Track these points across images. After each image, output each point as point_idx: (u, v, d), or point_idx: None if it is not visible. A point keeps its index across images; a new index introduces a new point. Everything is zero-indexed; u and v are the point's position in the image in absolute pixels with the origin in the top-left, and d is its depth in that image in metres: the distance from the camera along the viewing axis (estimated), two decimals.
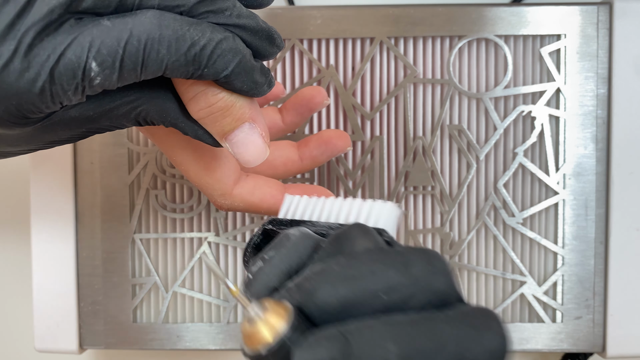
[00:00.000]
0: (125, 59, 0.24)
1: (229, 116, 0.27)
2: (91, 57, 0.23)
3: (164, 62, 0.24)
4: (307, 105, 0.37)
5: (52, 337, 0.45)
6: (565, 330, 0.44)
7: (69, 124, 0.27)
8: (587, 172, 0.43)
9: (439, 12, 0.43)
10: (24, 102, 0.23)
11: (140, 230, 0.45)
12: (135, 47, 0.24)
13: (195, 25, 0.25)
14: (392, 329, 0.20)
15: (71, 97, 0.24)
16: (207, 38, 0.25)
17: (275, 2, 0.49)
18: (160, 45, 0.24)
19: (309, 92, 0.37)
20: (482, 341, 0.21)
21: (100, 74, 0.24)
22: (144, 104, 0.28)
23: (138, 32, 0.23)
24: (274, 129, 0.38)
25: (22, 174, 0.52)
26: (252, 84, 0.27)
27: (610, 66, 0.43)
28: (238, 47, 0.26)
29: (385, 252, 0.23)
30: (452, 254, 0.44)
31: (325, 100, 0.38)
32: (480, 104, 0.43)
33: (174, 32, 0.24)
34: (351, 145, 0.38)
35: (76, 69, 0.23)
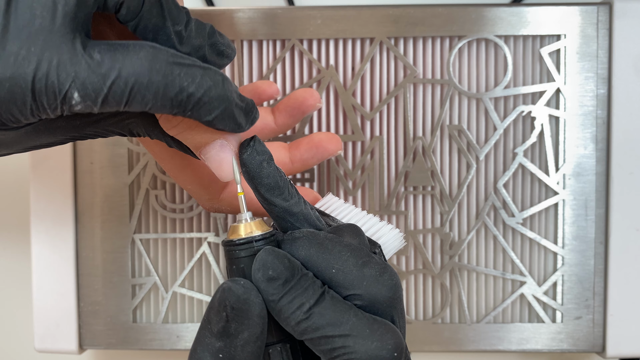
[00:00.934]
0: (109, 97, 0.23)
1: (198, 134, 0.27)
2: (74, 88, 0.23)
3: (148, 105, 0.24)
4: (299, 107, 0.37)
5: (52, 337, 0.45)
6: (565, 330, 0.44)
7: (54, 132, 0.27)
8: (587, 172, 0.43)
9: (439, 12, 0.43)
10: (3, 111, 0.23)
11: (140, 230, 0.45)
12: (121, 88, 0.23)
13: (186, 69, 0.24)
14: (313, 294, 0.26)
15: (50, 114, 0.24)
16: (196, 85, 0.25)
17: (275, 2, 0.49)
18: (147, 91, 0.24)
19: (301, 94, 0.37)
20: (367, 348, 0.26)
21: (81, 104, 0.23)
22: (132, 116, 0.28)
23: (126, 74, 0.23)
24: (266, 130, 0.38)
25: (22, 174, 0.52)
26: (234, 126, 0.27)
27: (610, 66, 0.43)
28: (225, 94, 0.26)
29: (359, 249, 0.27)
30: (452, 254, 0.44)
31: (318, 103, 0.38)
32: (480, 104, 0.43)
33: (163, 78, 0.24)
34: (342, 149, 0.38)
35: (57, 94, 0.23)
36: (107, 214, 0.44)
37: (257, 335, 0.26)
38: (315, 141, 0.37)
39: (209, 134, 0.27)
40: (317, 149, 0.37)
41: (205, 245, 0.45)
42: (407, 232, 0.44)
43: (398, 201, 0.44)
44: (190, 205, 0.44)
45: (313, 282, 0.26)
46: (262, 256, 0.26)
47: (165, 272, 0.45)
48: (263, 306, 0.26)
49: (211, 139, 0.28)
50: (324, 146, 0.37)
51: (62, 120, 0.27)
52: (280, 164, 0.38)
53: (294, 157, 0.37)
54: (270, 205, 0.28)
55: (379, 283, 0.26)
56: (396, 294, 0.27)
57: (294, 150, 0.38)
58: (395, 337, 0.26)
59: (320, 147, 0.37)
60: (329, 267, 0.27)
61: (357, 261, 0.27)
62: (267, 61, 0.44)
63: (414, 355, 0.50)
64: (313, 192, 0.38)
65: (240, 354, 0.26)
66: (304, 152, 0.37)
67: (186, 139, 0.28)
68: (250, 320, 0.26)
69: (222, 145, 0.28)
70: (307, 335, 0.26)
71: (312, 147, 0.37)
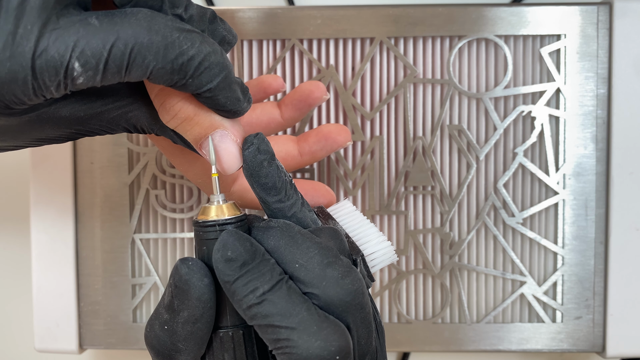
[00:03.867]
0: (110, 62, 0.23)
1: (197, 124, 0.27)
2: (74, 58, 0.23)
3: (149, 68, 0.24)
4: (305, 100, 0.37)
5: (52, 337, 0.45)
6: (565, 330, 0.44)
7: (58, 123, 0.27)
8: (587, 172, 0.43)
9: (439, 12, 0.43)
10: (5, 92, 0.23)
11: (140, 230, 0.45)
12: (121, 51, 0.23)
13: (185, 33, 0.24)
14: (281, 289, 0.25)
15: (53, 92, 0.24)
16: (196, 48, 0.24)
17: (275, 2, 0.49)
18: (147, 51, 0.23)
19: (307, 87, 0.37)
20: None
21: (83, 75, 0.23)
22: (136, 110, 0.28)
23: (125, 35, 0.23)
24: (272, 124, 0.38)
25: (22, 174, 0.52)
26: (234, 100, 0.27)
27: (610, 66, 0.43)
28: (225, 62, 0.26)
29: (328, 249, 0.27)
30: (452, 254, 0.44)
31: (325, 95, 0.37)
32: (480, 104, 0.43)
33: (163, 39, 0.24)
34: (351, 140, 0.38)
35: (58, 67, 0.23)
36: (107, 214, 0.44)
37: (196, 317, 0.26)
38: (324, 132, 0.37)
39: (208, 123, 0.27)
40: (327, 141, 0.37)
41: None
42: (407, 232, 0.44)
43: (398, 201, 0.44)
44: (190, 205, 0.44)
45: (272, 269, 0.26)
46: (223, 237, 0.26)
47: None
48: (206, 290, 0.26)
49: (210, 129, 0.27)
50: (333, 137, 0.37)
51: (66, 110, 0.26)
52: (289, 156, 0.37)
53: (303, 149, 0.37)
54: (265, 203, 0.28)
55: (338, 286, 0.26)
56: (355, 299, 0.26)
57: (303, 143, 0.37)
58: (342, 340, 0.25)
59: (329, 138, 0.37)
60: (294, 261, 0.26)
61: (322, 260, 0.26)
62: (267, 61, 0.44)
63: (414, 355, 0.50)
64: (330, 192, 0.38)
65: (181, 331, 0.26)
66: (312, 144, 0.37)
67: (186, 131, 0.28)
68: (189, 301, 0.26)
69: (223, 135, 0.28)
70: (255, 320, 0.25)
71: (320, 139, 0.37)
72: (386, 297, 0.45)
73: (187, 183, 0.44)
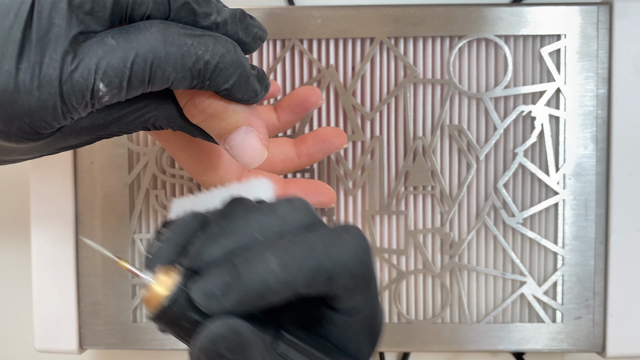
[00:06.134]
0: (132, 79, 0.24)
1: (223, 120, 0.28)
2: (98, 79, 0.23)
3: (170, 79, 0.25)
4: (302, 104, 0.38)
5: (52, 337, 0.45)
6: (565, 330, 0.44)
7: (80, 133, 0.28)
8: (587, 172, 0.43)
9: (439, 12, 0.43)
10: (36, 120, 0.24)
11: (140, 230, 0.45)
12: (141, 67, 0.24)
13: (198, 39, 0.25)
14: (270, 248, 0.24)
15: (81, 113, 0.25)
16: (210, 52, 0.25)
17: (275, 2, 0.49)
18: (166, 64, 0.24)
19: (304, 91, 0.38)
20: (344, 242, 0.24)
21: (108, 93, 0.24)
22: (153, 110, 0.28)
23: (144, 51, 0.24)
24: (269, 128, 0.39)
25: (22, 174, 0.52)
26: (251, 94, 0.28)
27: (610, 66, 0.43)
28: (239, 60, 0.26)
29: (256, 206, 0.26)
30: (452, 254, 0.44)
31: (320, 100, 0.38)
32: (480, 104, 0.43)
33: (179, 49, 0.24)
34: (347, 143, 0.39)
35: (84, 90, 0.23)
36: (107, 214, 0.44)
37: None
38: (322, 136, 0.38)
39: (234, 120, 0.28)
40: (324, 143, 0.38)
41: None
42: (407, 232, 0.44)
43: (398, 201, 0.44)
44: None
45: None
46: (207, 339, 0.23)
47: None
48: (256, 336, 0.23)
49: (235, 125, 0.28)
50: (330, 140, 0.38)
51: (86, 120, 0.27)
52: (287, 158, 0.38)
53: (301, 151, 0.38)
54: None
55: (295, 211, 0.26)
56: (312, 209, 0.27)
57: (301, 145, 0.38)
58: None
59: (326, 141, 0.38)
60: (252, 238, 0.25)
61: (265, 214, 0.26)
62: (267, 61, 0.44)
63: (414, 355, 0.50)
64: (331, 191, 0.38)
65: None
66: (310, 146, 0.38)
67: (211, 126, 0.28)
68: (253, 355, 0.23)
69: (248, 131, 0.28)
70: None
71: (318, 142, 0.38)
72: (386, 297, 0.45)
73: (187, 183, 0.44)
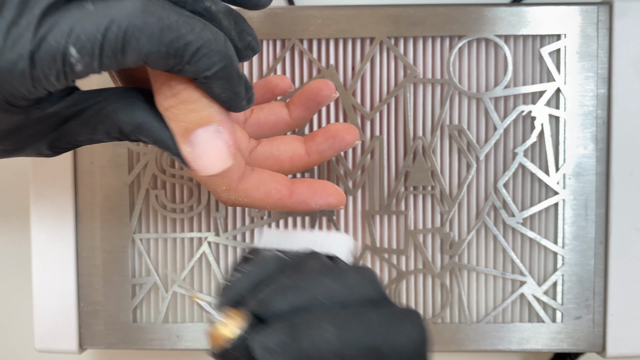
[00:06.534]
0: (105, 46, 0.23)
1: (194, 112, 0.26)
2: (70, 44, 0.22)
3: (143, 51, 0.23)
4: (314, 98, 0.36)
5: (52, 337, 0.45)
6: (565, 330, 0.44)
7: (44, 126, 0.27)
8: (587, 172, 0.43)
9: (439, 12, 0.43)
10: (4, 84, 0.23)
11: (140, 230, 0.45)
12: (114, 33, 0.22)
13: (185, 18, 0.23)
14: (331, 317, 0.25)
15: (54, 82, 0.23)
16: (196, 34, 0.23)
17: (275, 2, 0.49)
18: (141, 34, 0.23)
19: (316, 84, 0.36)
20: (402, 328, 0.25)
21: (80, 61, 0.23)
22: (114, 102, 0.27)
23: (119, 18, 0.22)
24: (280, 124, 0.37)
25: (22, 174, 0.52)
26: (231, 94, 0.26)
27: (610, 66, 0.43)
28: (227, 52, 0.25)
29: (327, 268, 0.27)
30: (452, 254, 0.44)
31: (334, 93, 0.36)
32: (480, 104, 0.43)
33: (158, 21, 0.23)
34: (359, 139, 0.36)
35: (56, 54, 0.22)
36: (107, 214, 0.44)
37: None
38: (332, 131, 0.35)
39: (206, 114, 0.26)
40: (334, 140, 0.35)
41: (205, 245, 0.45)
42: (407, 232, 0.44)
43: (398, 201, 0.44)
44: (191, 205, 0.44)
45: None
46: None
47: (165, 271, 0.45)
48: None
49: (206, 120, 0.26)
50: (342, 136, 0.35)
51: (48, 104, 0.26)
52: (296, 156, 0.36)
53: (310, 149, 0.36)
54: None
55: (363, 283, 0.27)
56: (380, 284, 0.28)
57: (310, 142, 0.36)
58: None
59: (337, 137, 0.35)
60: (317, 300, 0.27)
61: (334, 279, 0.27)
62: (267, 61, 0.44)
63: None
64: (339, 191, 0.36)
65: None
66: (320, 143, 0.36)
67: (178, 117, 0.26)
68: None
69: (218, 131, 0.26)
70: None
71: (328, 138, 0.35)
72: None
73: (187, 183, 0.44)
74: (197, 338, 0.45)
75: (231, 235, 0.44)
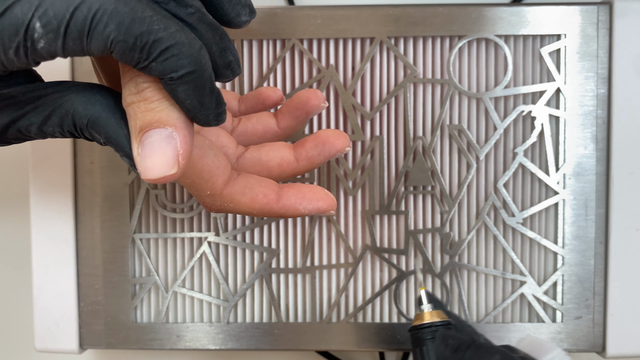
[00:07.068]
0: (71, 26, 0.22)
1: (152, 111, 0.25)
2: (36, 17, 0.22)
3: (109, 38, 0.22)
4: (302, 108, 0.36)
5: (52, 337, 0.45)
6: (565, 330, 0.44)
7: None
8: (587, 172, 0.43)
9: (439, 12, 0.43)
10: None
11: (140, 230, 0.45)
12: (83, 14, 0.22)
13: (162, 17, 0.23)
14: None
15: (12, 57, 0.23)
16: (168, 33, 0.23)
17: (275, 2, 0.49)
18: (110, 19, 0.22)
19: (305, 94, 0.35)
20: None
21: (44, 37, 0.22)
22: (73, 93, 0.26)
23: (91, 0, 0.22)
24: (268, 134, 0.37)
25: (22, 174, 0.52)
26: (197, 103, 0.25)
27: (610, 66, 0.43)
28: (200, 60, 0.24)
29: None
30: (452, 254, 0.44)
31: (323, 102, 0.36)
32: (480, 104, 0.43)
33: (131, 11, 0.22)
34: (350, 146, 0.36)
35: (19, 25, 0.22)
36: (107, 214, 0.44)
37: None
38: (322, 138, 0.35)
39: (164, 114, 0.25)
40: (324, 146, 0.35)
41: (205, 245, 0.45)
42: (407, 232, 0.44)
43: (398, 201, 0.44)
44: (191, 205, 0.44)
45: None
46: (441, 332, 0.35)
47: (165, 271, 0.45)
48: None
49: (161, 123, 0.25)
50: (331, 142, 0.34)
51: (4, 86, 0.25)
52: (285, 162, 0.35)
53: (300, 155, 0.35)
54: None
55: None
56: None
57: (299, 149, 0.35)
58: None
59: (327, 143, 0.35)
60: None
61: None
62: (267, 61, 0.44)
63: None
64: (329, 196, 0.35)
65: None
66: (309, 149, 0.35)
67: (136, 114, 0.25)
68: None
69: (171, 136, 0.25)
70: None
71: (318, 144, 0.35)
72: (386, 297, 0.45)
73: None
74: (197, 338, 0.45)
75: (231, 235, 0.44)
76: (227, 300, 0.45)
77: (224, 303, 0.45)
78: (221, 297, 0.45)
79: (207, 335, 0.45)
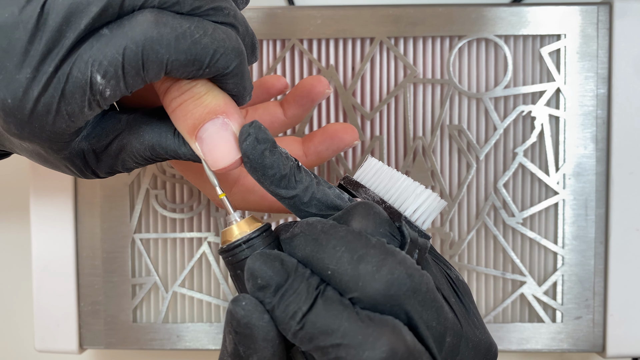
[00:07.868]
0: (126, 65, 0.23)
1: (200, 106, 0.26)
2: (95, 71, 0.23)
3: (163, 62, 0.23)
4: (308, 95, 0.36)
5: (52, 337, 0.45)
6: (565, 330, 0.44)
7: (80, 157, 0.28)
8: (587, 172, 0.43)
9: (439, 12, 0.43)
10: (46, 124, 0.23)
11: (140, 230, 0.45)
12: (133, 51, 0.23)
13: (196, 23, 0.24)
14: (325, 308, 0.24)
15: (86, 112, 0.24)
16: (209, 37, 0.24)
17: (275, 2, 0.49)
18: (158, 45, 0.23)
19: (309, 82, 0.36)
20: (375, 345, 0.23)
21: (107, 85, 0.23)
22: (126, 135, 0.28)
23: (134, 35, 0.23)
24: (276, 123, 0.37)
25: (22, 174, 0.52)
26: (241, 88, 0.26)
27: (610, 66, 0.43)
28: (240, 48, 0.25)
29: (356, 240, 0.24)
30: (452, 254, 0.44)
31: (327, 89, 0.36)
32: (480, 104, 0.43)
33: (172, 30, 0.23)
34: (359, 139, 0.36)
35: (84, 85, 0.23)
36: (107, 214, 0.44)
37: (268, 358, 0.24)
38: (330, 132, 0.35)
39: (213, 103, 0.26)
40: (332, 140, 0.35)
41: (205, 245, 0.45)
42: None
43: None
44: (191, 205, 0.44)
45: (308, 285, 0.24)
46: (249, 264, 0.24)
47: (165, 272, 0.45)
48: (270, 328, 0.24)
49: (213, 114, 0.26)
50: (340, 136, 0.35)
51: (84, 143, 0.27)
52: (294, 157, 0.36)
53: (308, 149, 0.36)
54: (278, 197, 0.27)
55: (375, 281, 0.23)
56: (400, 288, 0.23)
57: (308, 143, 0.36)
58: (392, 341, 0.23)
59: (335, 137, 0.35)
60: (325, 268, 0.24)
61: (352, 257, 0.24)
62: (267, 61, 0.44)
63: None
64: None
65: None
66: (318, 143, 0.35)
67: (186, 114, 0.26)
68: (255, 344, 0.24)
69: (224, 124, 0.26)
70: (304, 346, 0.24)
71: (326, 139, 0.35)
72: None
73: (187, 183, 0.44)
74: (197, 338, 0.45)
75: None
76: (227, 300, 0.45)
77: (223, 303, 0.45)
78: (221, 297, 0.45)
79: (207, 335, 0.45)
